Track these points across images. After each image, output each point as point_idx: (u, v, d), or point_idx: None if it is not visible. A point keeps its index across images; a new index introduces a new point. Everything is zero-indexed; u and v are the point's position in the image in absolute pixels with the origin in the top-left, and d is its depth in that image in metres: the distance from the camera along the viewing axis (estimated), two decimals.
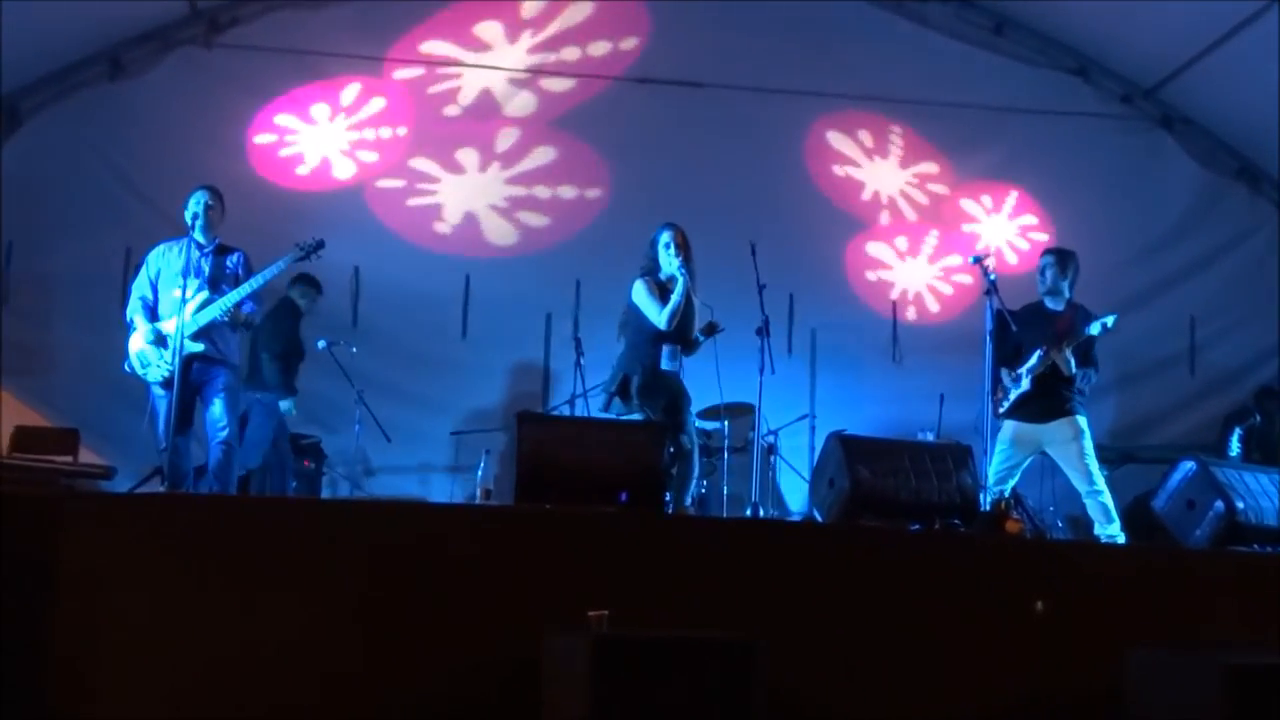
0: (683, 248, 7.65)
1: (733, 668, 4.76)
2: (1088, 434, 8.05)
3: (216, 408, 7.38)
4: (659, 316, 7.54)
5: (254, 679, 5.06)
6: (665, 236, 7.70)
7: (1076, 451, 7.99)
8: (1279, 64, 10.76)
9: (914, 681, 5.59)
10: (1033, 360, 8.03)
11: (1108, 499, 7.92)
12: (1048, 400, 8.03)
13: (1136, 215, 12.22)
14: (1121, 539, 7.81)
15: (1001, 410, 8.18)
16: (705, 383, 8.00)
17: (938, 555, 6.00)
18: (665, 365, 7.55)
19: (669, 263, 7.66)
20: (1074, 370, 7.96)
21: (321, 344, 9.93)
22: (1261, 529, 6.51)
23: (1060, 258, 8.37)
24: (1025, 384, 8.02)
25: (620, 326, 7.94)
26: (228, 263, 7.59)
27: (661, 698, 4.64)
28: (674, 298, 7.53)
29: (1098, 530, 7.90)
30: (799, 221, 11.55)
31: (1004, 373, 8.16)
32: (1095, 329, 7.92)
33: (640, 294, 7.67)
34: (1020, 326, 8.05)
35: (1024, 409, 8.08)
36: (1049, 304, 8.30)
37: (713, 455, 9.87)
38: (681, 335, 7.67)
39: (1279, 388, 10.76)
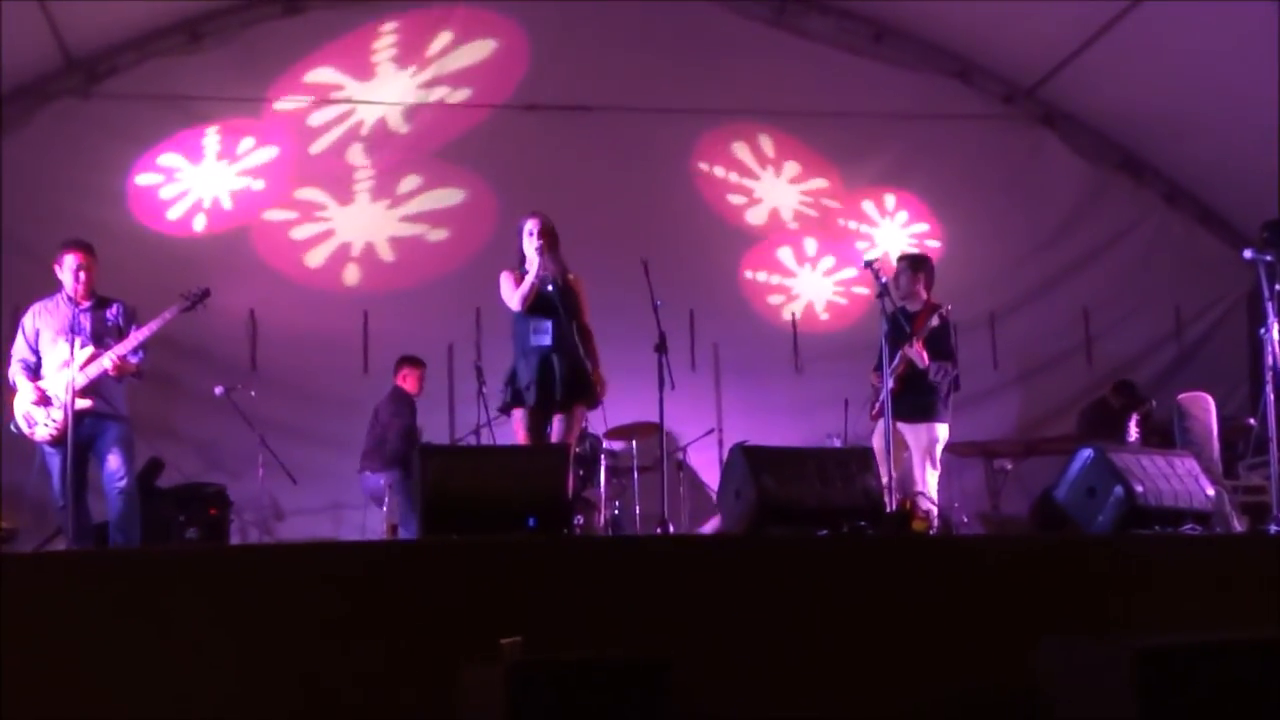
0: (544, 234, 7.61)
1: (649, 687, 4.74)
2: (939, 445, 8.40)
3: (113, 460, 7.32)
4: (512, 298, 7.53)
5: None
6: (528, 225, 7.66)
7: (921, 460, 8.35)
8: (1153, 57, 11.04)
9: (831, 687, 5.58)
10: (895, 361, 8.21)
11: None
12: (913, 400, 8.29)
13: (1025, 213, 12.44)
14: None
15: (874, 412, 8.51)
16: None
17: (846, 559, 6.01)
18: (534, 341, 7.52)
19: (528, 247, 7.62)
20: (926, 363, 8.21)
21: (219, 390, 9.77)
22: (1162, 511, 6.58)
23: (912, 263, 8.79)
24: (890, 383, 8.14)
25: None
26: (108, 315, 7.51)
27: None
28: (527, 278, 7.51)
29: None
30: (694, 239, 11.64)
31: (874, 378, 8.45)
32: (934, 319, 8.29)
33: (503, 285, 7.66)
34: (889, 331, 8.30)
35: (893, 408, 8.18)
36: (908, 307, 8.55)
37: (622, 475, 9.84)
38: (551, 313, 7.57)
39: (1132, 380, 11.02)
